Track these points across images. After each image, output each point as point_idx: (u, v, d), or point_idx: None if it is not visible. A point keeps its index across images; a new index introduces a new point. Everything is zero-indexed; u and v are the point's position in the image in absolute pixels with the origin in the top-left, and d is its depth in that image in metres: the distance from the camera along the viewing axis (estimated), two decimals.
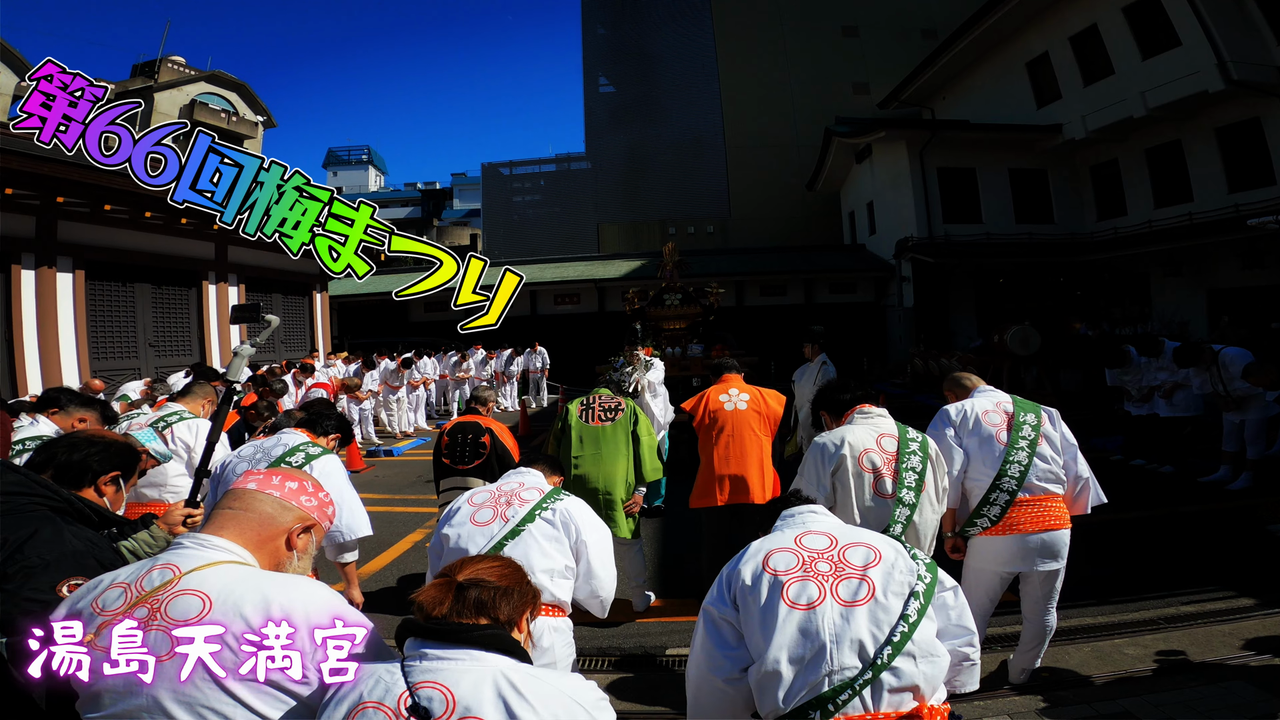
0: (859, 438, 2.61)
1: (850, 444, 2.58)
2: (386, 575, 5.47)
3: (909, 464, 2.57)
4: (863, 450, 2.59)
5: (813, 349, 6.76)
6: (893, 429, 2.69)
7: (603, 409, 4.16)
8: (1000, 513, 2.95)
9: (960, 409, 3.13)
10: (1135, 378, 7.48)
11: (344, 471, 3.05)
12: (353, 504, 3.00)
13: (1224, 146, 14.91)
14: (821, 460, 2.60)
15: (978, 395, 3.22)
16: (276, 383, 6.53)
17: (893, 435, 2.65)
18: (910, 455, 2.59)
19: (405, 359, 11.77)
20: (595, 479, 3.94)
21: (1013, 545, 2.96)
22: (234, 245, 12.15)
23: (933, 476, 2.62)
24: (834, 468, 2.57)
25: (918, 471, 2.57)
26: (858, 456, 2.57)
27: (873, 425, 2.68)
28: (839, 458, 2.56)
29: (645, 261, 22.36)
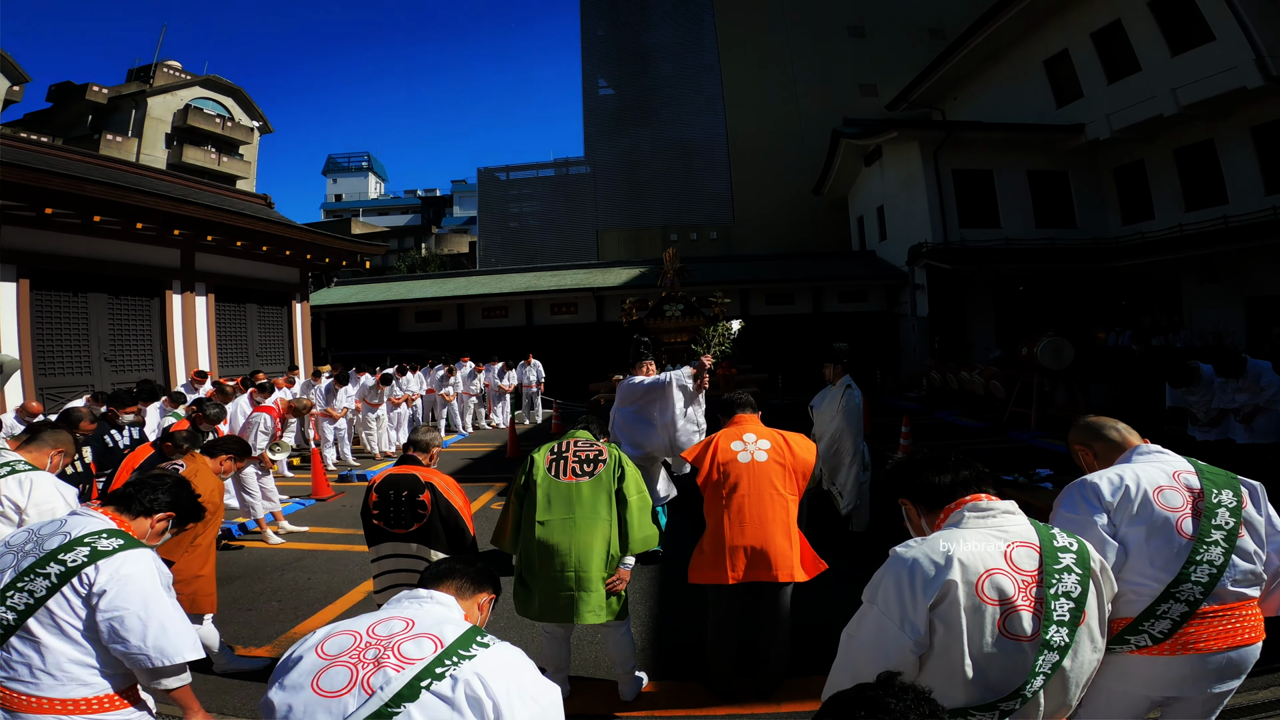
0: (978, 552, 1.64)
1: (963, 562, 1.61)
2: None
3: (1060, 587, 1.62)
4: (984, 572, 1.61)
5: (834, 370, 5.81)
6: (1030, 533, 1.71)
7: (578, 460, 3.23)
8: (1171, 628, 2.00)
9: (1117, 483, 2.14)
10: (1204, 398, 6.53)
11: (154, 574, 2.11)
12: (165, 620, 2.06)
13: (1260, 145, 13.98)
14: (912, 587, 1.62)
15: (1141, 460, 2.23)
16: (210, 407, 5.62)
17: (1031, 544, 1.68)
18: (1062, 574, 1.63)
19: (385, 375, 10.86)
20: (565, 551, 3.01)
21: (1183, 667, 2.02)
22: (203, 252, 11.29)
23: (1096, 601, 1.67)
24: (936, 599, 1.60)
25: (1073, 597, 1.62)
26: (976, 582, 1.60)
27: (998, 530, 1.71)
28: (944, 585, 1.59)
29: (646, 269, 21.48)
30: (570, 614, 3.03)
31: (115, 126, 28.01)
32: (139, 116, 28.38)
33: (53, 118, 28.77)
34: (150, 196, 9.61)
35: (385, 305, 21.45)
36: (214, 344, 11.34)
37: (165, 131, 28.80)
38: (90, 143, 25.42)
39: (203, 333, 11.15)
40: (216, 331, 11.50)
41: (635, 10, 32.97)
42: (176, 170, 22.63)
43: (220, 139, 30.55)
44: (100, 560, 2.02)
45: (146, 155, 26.95)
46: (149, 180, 11.24)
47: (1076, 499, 2.17)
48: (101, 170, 10.46)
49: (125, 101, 28.61)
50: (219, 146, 30.39)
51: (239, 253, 11.78)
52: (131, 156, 25.29)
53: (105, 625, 1.97)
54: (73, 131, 27.51)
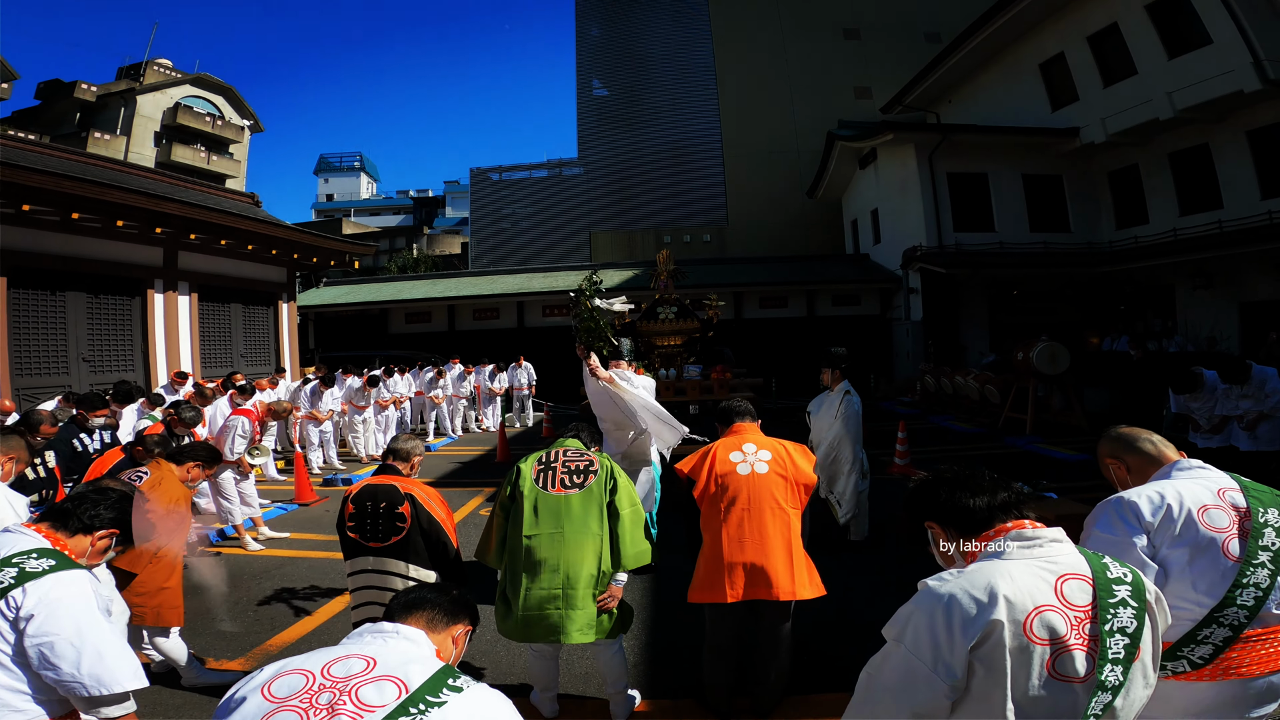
0: (1026, 587, 1.44)
1: (1010, 600, 1.41)
2: (300, 649, 4.31)
3: (1116, 622, 1.44)
4: (1033, 609, 1.42)
5: (833, 375, 5.64)
6: (1081, 564, 1.52)
7: (567, 471, 3.04)
8: (1212, 654, 1.85)
9: (1158, 501, 1.97)
10: (1207, 405, 6.42)
11: (89, 597, 1.91)
12: (101, 646, 1.87)
13: (1256, 150, 13.94)
14: (949, 626, 1.43)
15: (1182, 476, 2.06)
16: (186, 410, 5.40)
17: (1083, 576, 1.49)
18: (1117, 609, 1.45)
19: (372, 377, 10.64)
20: (553, 567, 2.83)
21: (1223, 693, 1.87)
22: (186, 251, 11.04)
23: (1151, 635, 1.49)
24: (977, 640, 1.41)
25: (1129, 632, 1.44)
26: (1024, 620, 1.41)
27: (1046, 561, 1.51)
28: (988, 625, 1.40)
29: (639, 271, 21.32)
30: (558, 633, 2.86)
31: (103, 124, 27.74)
32: (128, 114, 28.13)
33: (40, 115, 28.50)
34: (130, 194, 9.37)
35: (375, 306, 21.20)
36: (197, 345, 11.09)
37: (154, 130, 28.55)
38: (78, 140, 25.12)
39: (185, 333, 10.90)
40: (200, 332, 11.26)
41: (630, 11, 32.84)
42: (166, 169, 22.33)
43: (210, 138, 30.28)
44: (28, 583, 1.83)
45: (135, 153, 26.69)
46: (132, 178, 10.99)
47: (1113, 519, 2.01)
48: (83, 167, 10.21)
49: (114, 99, 28.36)
50: (209, 145, 30.14)
51: (224, 251, 11.53)
52: (120, 154, 25.03)
53: (34, 652, 1.79)
54: (60, 129, 27.26)
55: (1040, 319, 18.21)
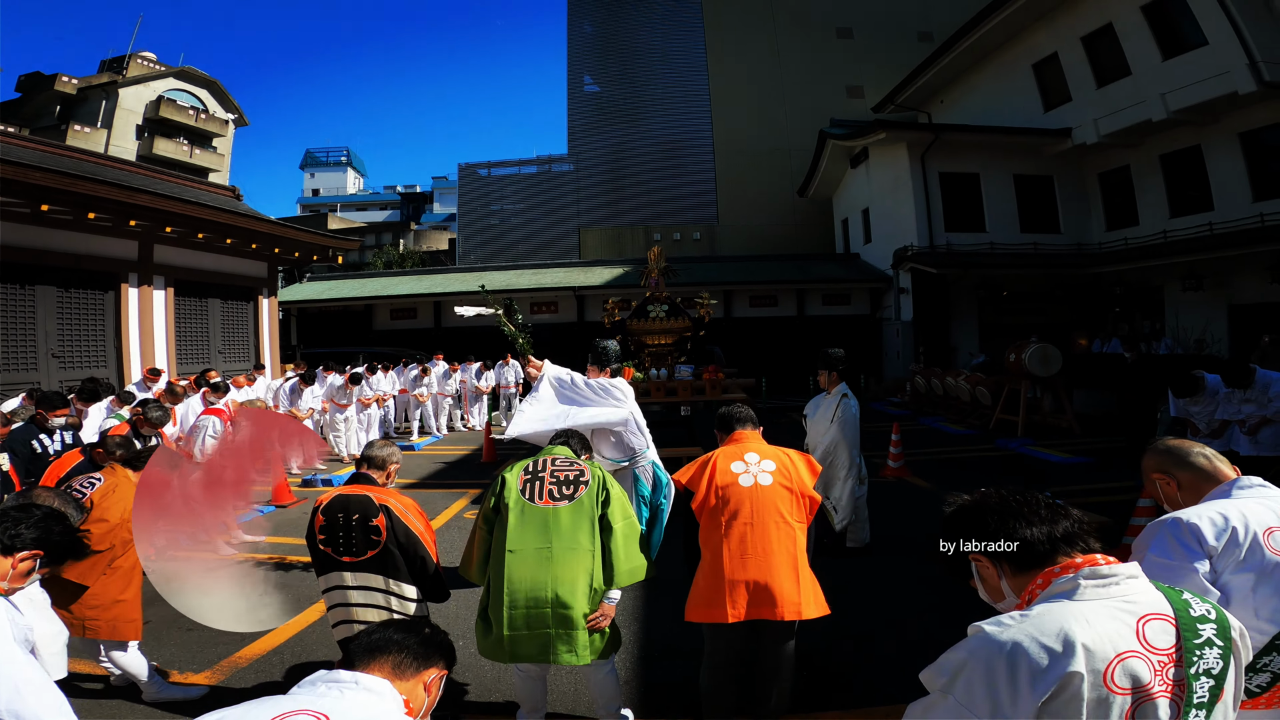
0: (1107, 633, 1.24)
1: (1089, 648, 1.20)
2: (272, 662, 4.11)
3: (1202, 664, 1.24)
4: (1115, 657, 1.22)
5: (830, 377, 5.45)
6: (1161, 603, 1.32)
7: (556, 481, 2.83)
8: (1271, 681, 1.69)
9: (1221, 524, 1.79)
10: (1207, 409, 6.29)
11: (3, 626, 1.68)
12: (19, 681, 1.63)
13: (1249, 152, 13.92)
14: (1013, 679, 1.22)
15: (1244, 496, 1.89)
16: (154, 409, 5.14)
17: (1165, 616, 1.29)
18: (1203, 649, 1.25)
19: (354, 374, 10.37)
20: (540, 585, 2.61)
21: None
22: (162, 244, 10.71)
23: (1234, 674, 1.30)
24: (1050, 694, 1.20)
25: (1214, 674, 1.25)
26: (1105, 670, 1.20)
27: (1124, 601, 1.30)
28: (1064, 678, 1.19)
29: (629, 269, 21.13)
30: (546, 654, 2.66)
31: (84, 117, 27.32)
32: (109, 107, 27.75)
33: (20, 108, 28.11)
34: (102, 185, 9.05)
35: (359, 302, 20.85)
36: (173, 340, 10.78)
37: (136, 123, 28.16)
38: (58, 133, 24.64)
39: (161, 328, 10.58)
40: (176, 327, 10.94)
41: (623, 7, 32.60)
42: (147, 162, 21.98)
43: (193, 131, 29.84)
44: None
45: (116, 146, 26.31)
46: (107, 170, 10.66)
47: (1171, 542, 1.82)
48: (55, 159, 9.87)
49: (95, 92, 27.99)
50: (191, 138, 29.73)
51: (201, 245, 11.21)
52: (100, 147, 24.64)
53: None
54: (40, 122, 26.91)
55: (1030, 320, 18.20)
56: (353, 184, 68.20)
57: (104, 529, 3.25)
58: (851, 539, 5.43)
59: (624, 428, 4.45)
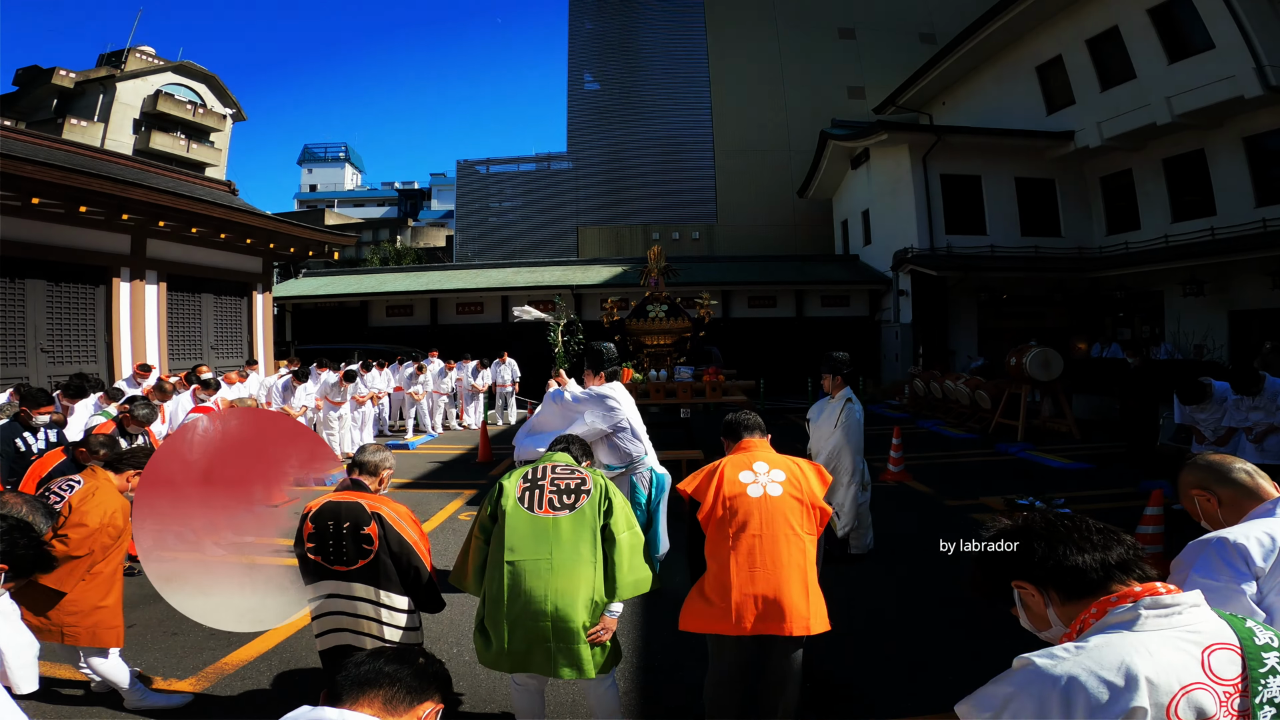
0: (1171, 664, 1.14)
1: (1152, 681, 1.10)
2: (259, 669, 3.99)
3: (1266, 693, 1.13)
4: (1179, 690, 1.12)
5: (834, 381, 5.34)
6: (1225, 632, 1.21)
7: (556, 490, 2.71)
8: None
9: (1269, 544, 1.70)
10: (1214, 416, 6.21)
11: None
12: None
13: (1253, 157, 13.86)
14: (1068, 716, 1.12)
15: None
16: (140, 407, 5.02)
17: (1230, 645, 1.18)
18: (1267, 678, 1.15)
19: (348, 371, 10.24)
20: (540, 598, 2.50)
21: None
22: (155, 238, 10.55)
23: None
24: None
25: (1277, 703, 1.17)
26: (1169, 704, 1.10)
27: (1188, 632, 1.20)
28: (1127, 714, 1.10)
29: (627, 268, 21.01)
30: (545, 668, 2.55)
31: (81, 111, 27.24)
32: (106, 101, 27.67)
33: (17, 101, 27.97)
34: (94, 178, 8.90)
35: (355, 298, 20.70)
36: (164, 336, 10.63)
37: (134, 117, 28.09)
38: (54, 127, 24.55)
39: (153, 324, 10.43)
40: (168, 322, 10.79)
41: (625, 6, 32.47)
42: (144, 156, 21.87)
43: (190, 125, 29.75)
44: None
45: (113, 140, 26.22)
46: (100, 163, 10.50)
47: (1216, 562, 1.73)
48: (48, 152, 9.71)
49: (92, 86, 27.90)
50: (189, 133, 29.63)
51: (195, 240, 11.06)
52: (97, 141, 24.56)
53: None
54: (37, 115, 26.84)
55: (1029, 324, 18.14)
56: (350, 180, 67.85)
57: (83, 534, 3.12)
58: (854, 545, 5.33)
59: (619, 434, 4.35)
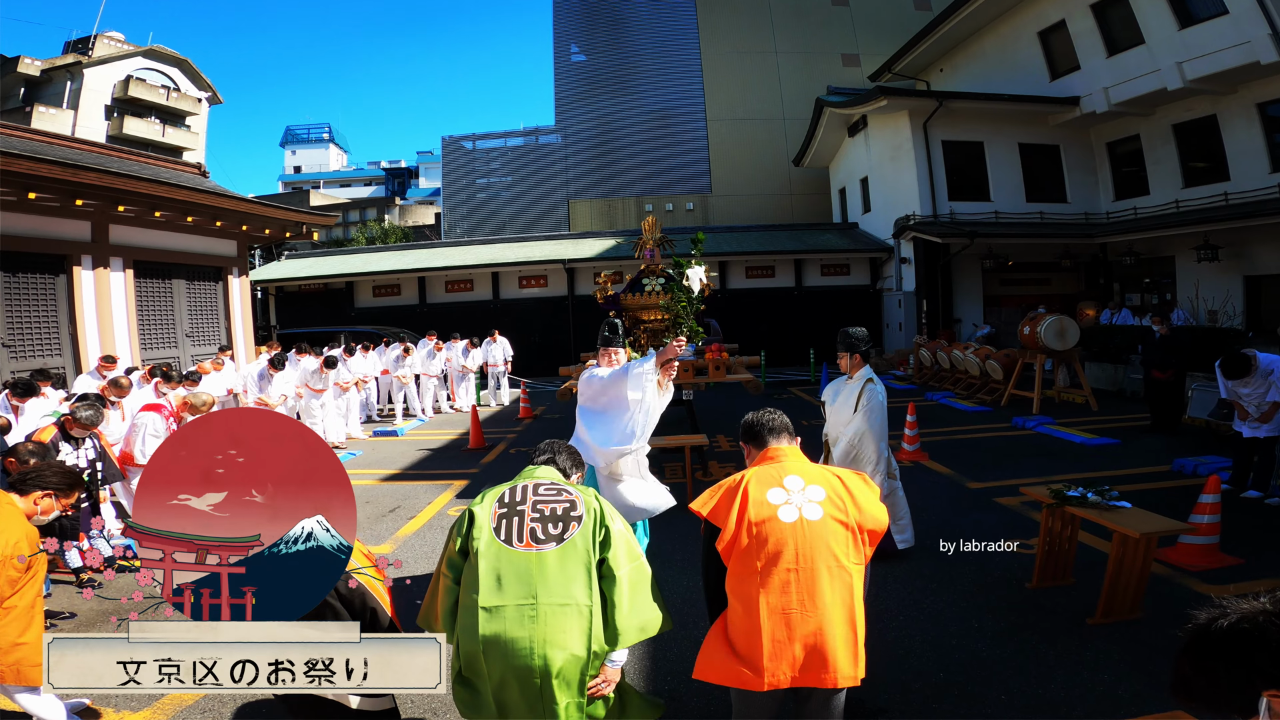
0: None
1: None
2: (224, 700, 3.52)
3: None
4: None
5: (851, 360, 4.83)
6: None
7: (540, 517, 2.17)
8: None
9: None
10: (1259, 390, 5.76)
11: None
12: None
13: (1268, 122, 13.36)
14: None
15: None
16: (84, 408, 4.49)
17: None
18: None
19: (329, 358, 9.70)
20: (525, 650, 2.01)
21: None
22: (118, 224, 9.92)
23: None
24: None
25: None
26: None
27: None
28: None
29: (621, 241, 20.44)
30: None
31: (49, 99, 26.58)
32: (74, 88, 27.08)
33: None
34: (41, 163, 8.24)
35: (340, 279, 20.07)
36: (134, 325, 10.05)
37: (104, 103, 27.43)
38: (22, 115, 23.77)
39: (120, 313, 9.84)
40: (138, 311, 10.20)
41: None
42: (118, 142, 21.14)
43: (165, 110, 29.02)
44: None
45: (84, 127, 25.59)
46: (55, 149, 9.83)
47: None
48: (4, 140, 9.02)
49: (59, 73, 27.24)
50: (163, 117, 29.00)
51: (162, 224, 10.43)
52: (66, 129, 23.86)
53: None
54: (6, 105, 26.16)
55: (1035, 290, 17.72)
56: (335, 161, 66.53)
57: None
58: (899, 541, 4.86)
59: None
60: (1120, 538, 3.64)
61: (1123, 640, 3.60)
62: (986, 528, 5.53)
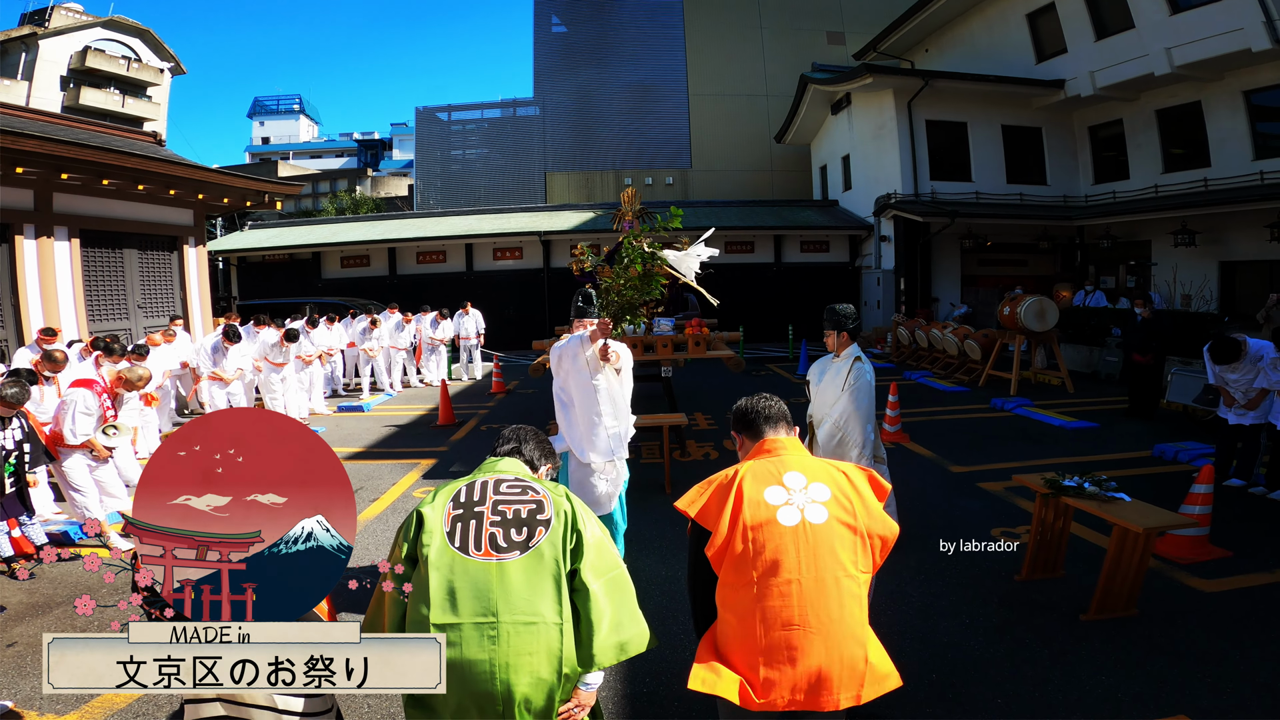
0: None
1: None
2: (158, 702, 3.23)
3: None
4: None
5: (838, 338, 4.57)
6: None
7: (501, 519, 1.87)
8: None
9: None
10: (1247, 376, 5.65)
11: None
12: None
13: (1253, 110, 13.32)
14: None
15: None
16: (9, 385, 4.11)
17: None
18: None
19: (289, 330, 9.25)
20: (485, 675, 1.73)
21: None
22: (62, 192, 9.32)
23: None
24: None
25: None
26: None
27: None
28: None
29: (599, 214, 20.03)
30: None
31: (4, 70, 25.67)
32: (29, 59, 26.17)
33: None
34: None
35: (306, 249, 19.42)
36: (81, 296, 9.47)
37: (60, 74, 26.40)
38: None
39: (65, 283, 9.26)
40: (85, 281, 9.62)
41: None
42: (74, 113, 20.20)
43: (125, 80, 28.04)
44: None
45: (39, 98, 24.79)
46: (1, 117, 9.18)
47: None
48: None
49: (14, 44, 26.31)
50: (123, 88, 28.08)
51: (111, 193, 9.81)
52: (21, 100, 22.84)
53: None
54: None
55: (1012, 271, 17.72)
56: (306, 132, 64.57)
57: None
58: None
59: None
60: (1120, 532, 3.46)
61: (1119, 639, 3.44)
62: (973, 515, 5.39)
